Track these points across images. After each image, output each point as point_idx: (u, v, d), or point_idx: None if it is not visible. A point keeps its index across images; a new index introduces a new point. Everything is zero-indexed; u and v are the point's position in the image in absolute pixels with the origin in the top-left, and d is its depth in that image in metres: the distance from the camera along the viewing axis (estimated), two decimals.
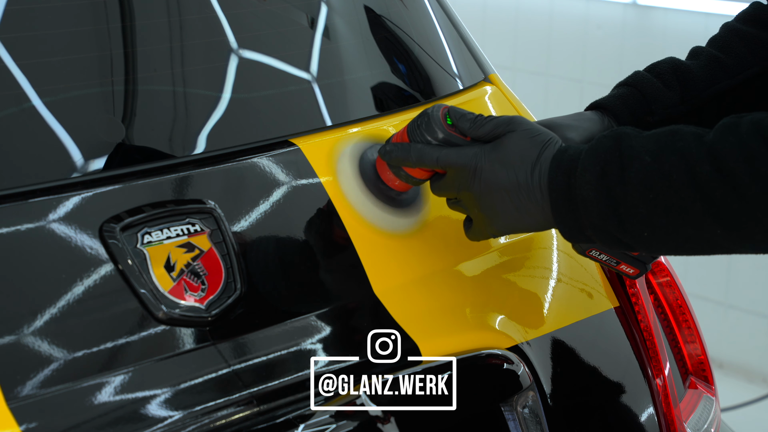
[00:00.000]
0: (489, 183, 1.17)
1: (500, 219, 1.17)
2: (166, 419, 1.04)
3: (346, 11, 1.44)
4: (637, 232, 1.09)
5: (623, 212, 1.08)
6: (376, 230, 1.25)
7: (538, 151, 1.15)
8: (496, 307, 1.29)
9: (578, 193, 1.11)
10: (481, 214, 1.19)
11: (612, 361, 1.35)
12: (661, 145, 1.08)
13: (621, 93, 1.35)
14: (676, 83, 1.35)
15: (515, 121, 1.18)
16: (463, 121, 1.20)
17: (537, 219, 1.16)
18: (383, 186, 1.26)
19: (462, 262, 1.30)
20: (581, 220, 1.12)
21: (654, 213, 1.07)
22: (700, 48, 1.40)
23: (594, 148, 1.11)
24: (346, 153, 1.27)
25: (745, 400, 3.47)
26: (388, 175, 1.25)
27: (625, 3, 4.01)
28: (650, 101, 1.34)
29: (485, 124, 1.19)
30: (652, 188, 1.07)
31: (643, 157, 1.07)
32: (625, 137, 1.10)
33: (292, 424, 1.09)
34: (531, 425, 1.24)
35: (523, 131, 1.17)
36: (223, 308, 1.11)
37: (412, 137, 1.21)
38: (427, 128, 1.20)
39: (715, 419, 1.46)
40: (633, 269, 1.26)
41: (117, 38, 1.21)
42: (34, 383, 1.00)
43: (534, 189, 1.15)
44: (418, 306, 1.23)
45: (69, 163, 1.14)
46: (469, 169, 1.17)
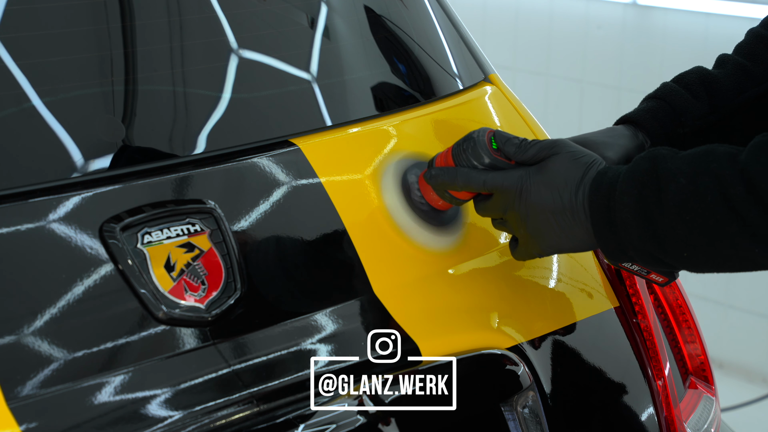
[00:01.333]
0: (534, 204, 1.19)
1: (546, 239, 1.20)
2: (166, 419, 1.04)
3: (346, 11, 1.44)
4: (678, 253, 1.11)
5: (662, 234, 1.10)
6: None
7: (582, 172, 1.17)
8: (496, 307, 1.29)
9: (618, 216, 1.13)
10: (527, 234, 1.21)
11: (612, 361, 1.35)
12: (695, 167, 1.09)
13: (650, 106, 1.36)
14: (704, 93, 1.36)
15: (559, 143, 1.20)
16: (509, 146, 1.22)
17: (582, 239, 1.18)
18: (425, 205, 1.28)
19: (462, 262, 1.30)
20: (622, 242, 1.14)
21: (692, 234, 1.09)
22: (727, 56, 1.41)
23: (631, 171, 1.13)
24: (389, 170, 1.29)
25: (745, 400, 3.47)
26: (431, 195, 1.27)
27: (625, 3, 4.01)
28: (679, 113, 1.35)
29: (530, 148, 1.21)
30: (688, 210, 1.08)
31: (679, 179, 1.09)
32: (661, 159, 1.12)
33: (292, 424, 1.09)
34: (531, 425, 1.24)
35: (566, 153, 1.19)
36: (223, 308, 1.11)
37: (458, 161, 1.23)
38: (473, 153, 1.22)
39: (715, 419, 1.46)
40: (662, 278, 1.28)
41: (117, 38, 1.21)
42: (34, 383, 1.00)
43: (578, 210, 1.17)
44: (418, 306, 1.23)
45: (69, 163, 1.14)
46: (515, 191, 1.20)
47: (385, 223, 1.27)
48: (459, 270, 1.29)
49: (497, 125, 1.46)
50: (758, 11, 3.63)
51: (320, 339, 1.16)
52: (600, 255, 1.41)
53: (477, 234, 1.33)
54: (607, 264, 1.41)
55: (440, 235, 1.29)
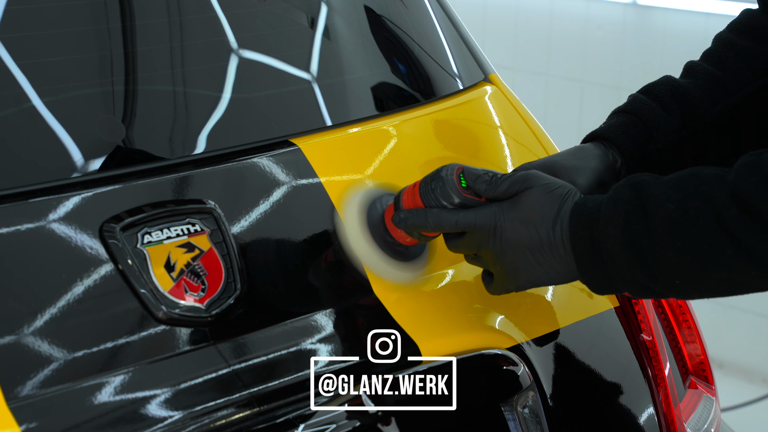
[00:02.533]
0: (510, 241, 1.15)
1: (523, 275, 1.16)
2: (166, 419, 1.04)
3: (346, 11, 1.44)
4: (669, 281, 1.07)
5: (652, 262, 1.07)
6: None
7: (558, 205, 1.13)
8: (496, 307, 1.29)
9: (603, 247, 1.09)
10: (503, 270, 1.17)
11: (612, 361, 1.35)
12: (682, 191, 1.05)
13: (620, 121, 1.32)
14: (675, 107, 1.32)
15: (531, 177, 1.16)
16: (479, 183, 1.17)
17: (561, 273, 1.14)
18: (392, 241, 1.23)
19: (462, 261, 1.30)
20: (610, 274, 1.10)
21: (684, 260, 1.05)
22: (695, 64, 1.37)
23: (613, 200, 1.09)
24: (354, 202, 1.25)
25: (745, 400, 3.47)
26: (398, 233, 1.22)
27: (625, 3, 4.01)
28: (651, 129, 1.31)
29: (501, 183, 1.16)
30: (679, 236, 1.05)
31: (666, 204, 1.06)
32: (644, 185, 1.08)
33: (292, 424, 1.09)
34: (531, 425, 1.24)
35: (540, 186, 1.15)
36: (223, 308, 1.11)
37: (426, 201, 1.19)
38: (442, 193, 1.17)
39: (715, 419, 1.46)
40: None
41: (117, 38, 1.21)
42: (34, 383, 1.00)
43: (557, 244, 1.13)
44: (418, 306, 1.23)
45: (69, 163, 1.14)
46: (489, 229, 1.16)
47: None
48: (459, 270, 1.29)
49: (497, 125, 1.46)
50: None
51: (320, 339, 1.16)
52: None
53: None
54: None
55: (406, 271, 1.25)
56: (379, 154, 1.31)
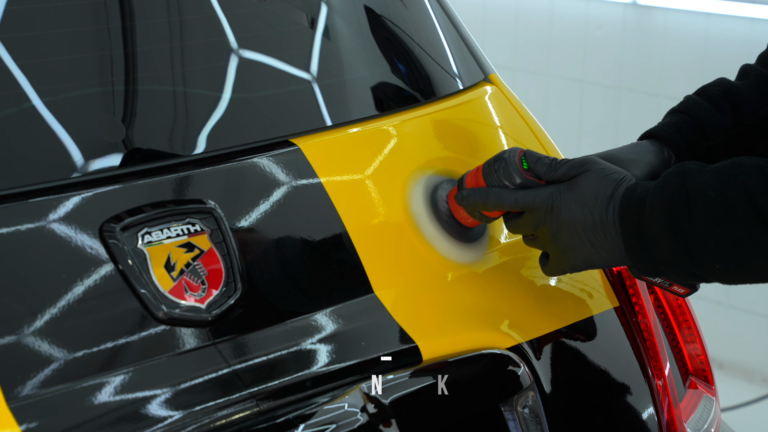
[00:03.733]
0: (565, 221, 1.20)
1: (576, 255, 1.21)
2: (166, 419, 1.04)
3: (346, 11, 1.44)
4: (709, 266, 1.12)
5: (693, 247, 1.11)
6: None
7: (612, 188, 1.18)
8: (496, 307, 1.29)
9: (648, 231, 1.14)
10: (558, 250, 1.22)
11: (612, 361, 1.35)
12: (723, 180, 1.10)
13: (674, 121, 1.37)
14: (727, 106, 1.36)
15: (588, 161, 1.21)
16: (540, 165, 1.23)
17: (613, 255, 1.19)
18: (455, 223, 1.29)
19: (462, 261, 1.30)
20: (654, 257, 1.15)
21: (723, 246, 1.10)
22: (750, 66, 1.41)
23: (660, 186, 1.14)
24: (420, 185, 1.30)
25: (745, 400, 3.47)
26: (461, 213, 1.28)
27: (625, 3, 4.01)
28: (703, 127, 1.35)
29: (560, 166, 1.22)
30: (718, 222, 1.09)
31: (708, 192, 1.10)
32: (689, 173, 1.13)
33: (292, 424, 1.09)
34: (531, 425, 1.24)
35: (596, 170, 1.20)
36: (223, 308, 1.11)
37: (489, 181, 1.25)
38: (505, 173, 1.23)
39: (715, 419, 1.46)
40: (684, 289, 1.29)
41: (117, 38, 1.21)
42: (34, 383, 1.00)
43: (609, 226, 1.18)
44: (418, 306, 1.23)
45: (69, 163, 1.14)
46: (546, 207, 1.21)
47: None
48: (459, 270, 1.29)
49: (497, 125, 1.46)
50: (758, 11, 3.63)
51: (320, 339, 1.16)
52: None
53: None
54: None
55: (466, 250, 1.30)
56: (379, 154, 1.31)
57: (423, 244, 1.28)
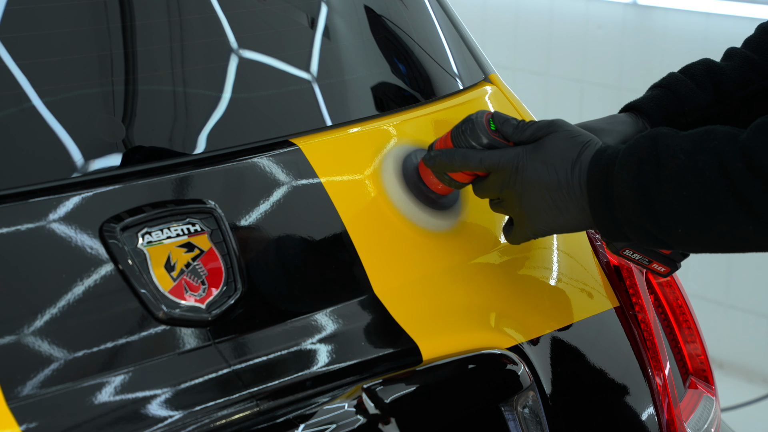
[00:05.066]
0: (530, 181, 1.20)
1: (540, 217, 1.21)
2: (166, 419, 1.04)
3: (346, 11, 1.44)
4: (672, 229, 1.12)
5: (658, 209, 1.12)
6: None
7: (578, 150, 1.19)
8: (496, 307, 1.29)
9: (615, 191, 1.14)
10: (522, 213, 1.22)
11: (612, 361, 1.35)
12: (696, 144, 1.11)
13: (655, 95, 1.37)
14: (709, 85, 1.37)
15: (556, 123, 1.22)
16: (507, 126, 1.24)
17: (576, 217, 1.19)
18: (425, 189, 1.29)
19: (462, 262, 1.30)
20: (618, 218, 1.15)
21: (688, 210, 1.10)
22: (735, 49, 1.41)
23: (632, 147, 1.14)
24: (390, 155, 1.30)
25: (745, 400, 3.47)
26: (431, 178, 1.28)
27: (625, 3, 4.01)
28: (683, 102, 1.36)
29: (527, 128, 1.22)
30: (685, 185, 1.10)
31: (678, 155, 1.11)
32: (662, 137, 1.13)
33: (292, 424, 1.09)
34: (531, 425, 1.24)
35: (563, 132, 1.21)
36: (223, 308, 1.11)
37: (456, 143, 1.25)
38: (472, 134, 1.24)
39: (715, 419, 1.46)
40: (664, 268, 1.30)
41: (117, 38, 1.21)
42: (34, 383, 1.00)
43: (573, 186, 1.18)
44: (418, 306, 1.23)
45: (69, 163, 1.14)
46: (512, 168, 1.21)
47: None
48: (459, 270, 1.29)
49: None
50: (758, 11, 3.63)
51: (320, 339, 1.16)
52: (600, 254, 1.41)
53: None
54: (607, 263, 1.41)
55: (439, 218, 1.30)
56: (379, 154, 1.31)
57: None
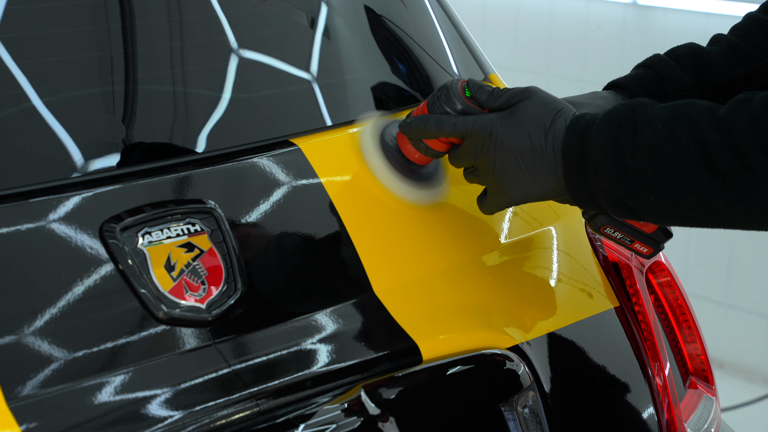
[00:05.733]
0: (504, 146, 1.20)
1: (513, 184, 1.20)
2: (166, 419, 1.04)
3: (346, 11, 1.44)
4: (644, 198, 1.12)
5: (632, 177, 1.12)
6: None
7: (552, 117, 1.19)
8: (496, 307, 1.29)
9: (590, 156, 1.14)
10: (496, 180, 1.21)
11: (612, 361, 1.35)
12: (674, 115, 1.11)
13: (638, 74, 1.38)
14: (693, 67, 1.37)
15: (530, 90, 1.22)
16: (481, 93, 1.24)
17: (549, 184, 1.19)
18: (403, 159, 1.29)
19: (462, 261, 1.30)
20: (591, 184, 1.15)
21: (661, 179, 1.10)
22: (721, 35, 1.42)
23: (610, 114, 1.15)
24: (367, 129, 1.31)
25: (745, 400, 3.47)
26: (408, 147, 1.29)
27: (625, 3, 4.01)
28: (666, 83, 1.36)
29: (502, 95, 1.23)
30: (660, 155, 1.10)
31: (656, 124, 1.11)
32: (642, 106, 1.13)
33: (292, 424, 1.09)
34: (531, 425, 1.24)
35: (537, 98, 1.21)
36: (223, 308, 1.11)
37: (432, 109, 1.25)
38: (446, 100, 1.24)
39: (716, 419, 1.46)
40: (647, 248, 1.29)
41: (117, 38, 1.21)
42: (34, 383, 1.00)
43: (547, 153, 1.18)
44: (418, 306, 1.23)
45: (69, 163, 1.14)
46: (485, 133, 1.21)
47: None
48: (459, 270, 1.29)
49: None
50: None
51: (320, 339, 1.16)
52: (600, 254, 1.41)
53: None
54: (607, 262, 1.41)
55: (420, 189, 1.30)
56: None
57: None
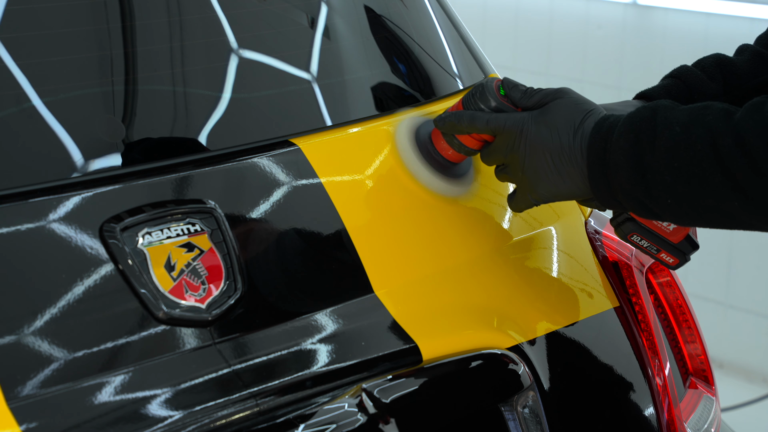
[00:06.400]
0: (534, 144, 1.23)
1: (542, 182, 1.23)
2: (166, 419, 1.04)
3: (346, 11, 1.44)
4: (662, 199, 1.14)
5: (650, 179, 1.14)
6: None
7: (582, 116, 1.21)
8: (497, 307, 1.29)
9: (611, 157, 1.17)
10: (525, 177, 1.24)
11: (612, 361, 1.35)
12: (692, 118, 1.13)
13: (666, 84, 1.40)
14: (719, 76, 1.40)
15: (563, 90, 1.25)
16: (515, 92, 1.28)
17: (576, 183, 1.21)
18: (437, 155, 1.32)
19: (462, 261, 1.30)
20: (613, 185, 1.17)
21: (677, 181, 1.12)
22: (746, 45, 1.44)
23: (632, 117, 1.17)
24: (403, 124, 1.33)
25: (745, 400, 3.47)
26: (442, 144, 1.31)
27: (625, 3, 4.01)
28: (693, 92, 1.38)
29: (535, 94, 1.26)
30: (677, 157, 1.12)
31: (674, 127, 1.13)
32: (662, 108, 1.16)
33: (292, 424, 1.09)
34: (531, 425, 1.24)
35: (569, 98, 1.24)
36: (223, 308, 1.11)
37: (467, 106, 1.29)
38: (481, 97, 1.27)
39: (716, 419, 1.46)
40: (673, 258, 1.31)
41: (117, 38, 1.21)
42: (34, 383, 1.00)
43: (575, 151, 1.20)
44: (418, 306, 1.23)
45: (69, 163, 1.14)
46: (517, 131, 1.24)
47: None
48: (459, 270, 1.29)
49: None
50: (758, 11, 3.63)
51: (320, 339, 1.16)
52: (600, 254, 1.41)
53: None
54: (607, 263, 1.41)
55: (452, 185, 1.33)
56: (379, 154, 1.31)
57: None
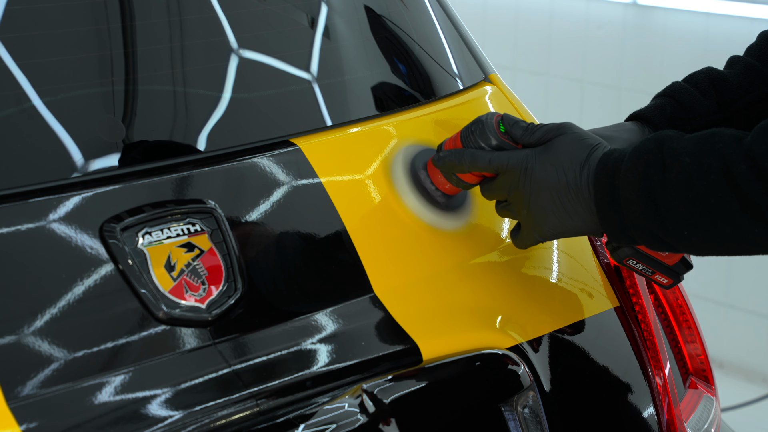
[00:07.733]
0: (539, 183, 1.20)
1: (548, 220, 1.21)
2: (166, 419, 1.04)
3: (346, 11, 1.44)
4: (678, 232, 1.12)
5: (664, 212, 1.12)
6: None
7: (587, 152, 1.19)
8: (496, 307, 1.29)
9: (621, 194, 1.14)
10: (530, 215, 1.22)
11: (612, 361, 1.35)
12: (701, 147, 1.11)
13: (659, 103, 1.38)
14: (712, 92, 1.38)
15: (565, 126, 1.22)
16: (516, 129, 1.24)
17: (584, 220, 1.19)
18: (433, 189, 1.29)
19: (462, 262, 1.30)
20: (624, 221, 1.15)
21: (693, 212, 1.10)
22: (737, 57, 1.42)
23: (637, 150, 1.15)
24: (398, 154, 1.31)
25: (745, 400, 3.47)
26: (439, 178, 1.29)
27: (625, 3, 4.01)
28: (688, 110, 1.37)
29: (536, 131, 1.23)
30: (691, 187, 1.10)
31: (684, 158, 1.11)
32: (668, 139, 1.13)
33: (292, 424, 1.09)
34: (531, 425, 1.24)
35: (573, 134, 1.21)
36: (223, 308, 1.11)
37: (466, 143, 1.25)
38: (481, 135, 1.24)
39: (716, 419, 1.46)
40: (667, 279, 1.30)
41: (117, 38, 1.21)
42: (34, 383, 1.00)
43: (582, 188, 1.18)
44: (418, 306, 1.23)
45: (69, 163, 1.14)
46: (520, 169, 1.21)
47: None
48: (459, 270, 1.29)
49: None
50: (758, 11, 3.63)
51: (320, 339, 1.16)
52: (600, 254, 1.41)
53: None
54: (607, 263, 1.41)
55: (448, 218, 1.30)
56: (379, 154, 1.31)
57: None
